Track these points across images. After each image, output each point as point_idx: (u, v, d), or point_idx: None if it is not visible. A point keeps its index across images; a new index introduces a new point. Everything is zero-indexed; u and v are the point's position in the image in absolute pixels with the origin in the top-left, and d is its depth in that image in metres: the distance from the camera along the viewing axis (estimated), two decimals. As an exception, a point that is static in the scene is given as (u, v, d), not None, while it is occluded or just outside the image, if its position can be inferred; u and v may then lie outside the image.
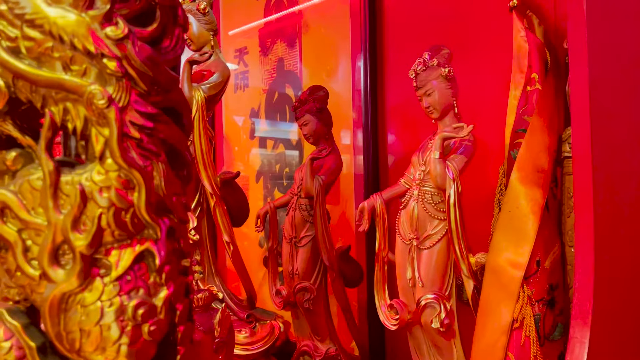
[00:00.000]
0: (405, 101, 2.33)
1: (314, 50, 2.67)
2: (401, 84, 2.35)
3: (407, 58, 2.32)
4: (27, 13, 0.78)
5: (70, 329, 0.78)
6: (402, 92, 2.34)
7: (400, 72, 2.34)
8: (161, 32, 0.85)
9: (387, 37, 2.36)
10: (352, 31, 2.39)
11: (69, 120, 0.79)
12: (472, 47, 2.06)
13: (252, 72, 2.98)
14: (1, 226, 0.79)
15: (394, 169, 2.34)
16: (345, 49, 2.48)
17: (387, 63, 2.35)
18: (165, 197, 0.82)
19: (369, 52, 2.29)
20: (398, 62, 2.34)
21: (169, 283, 0.82)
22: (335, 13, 2.55)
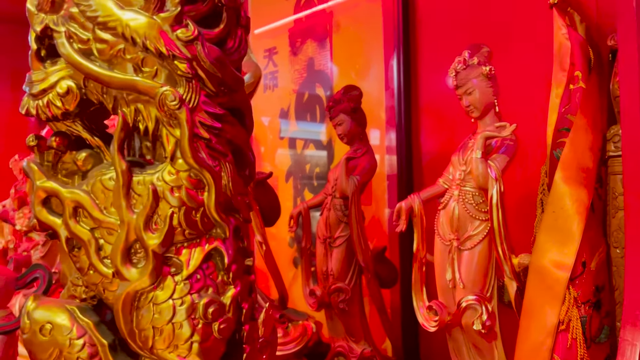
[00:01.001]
0: (439, 100, 2.32)
1: (345, 49, 2.67)
2: (435, 82, 2.34)
3: (441, 57, 2.31)
4: (100, 16, 0.79)
5: (143, 326, 0.79)
6: (436, 91, 2.32)
7: (434, 71, 2.33)
8: (226, 33, 0.86)
9: (420, 35, 2.34)
10: (385, 30, 2.39)
11: (140, 121, 0.81)
12: (510, 44, 2.03)
13: (282, 72, 2.99)
14: (75, 225, 0.81)
15: (427, 168, 2.33)
16: (377, 48, 2.48)
17: (420, 62, 2.34)
18: (232, 197, 0.83)
19: (402, 50, 2.28)
20: (432, 60, 2.32)
21: (236, 282, 0.83)
22: (367, 12, 2.54)
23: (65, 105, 0.82)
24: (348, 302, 2.10)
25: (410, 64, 2.32)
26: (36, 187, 0.83)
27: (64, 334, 0.82)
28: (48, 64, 0.83)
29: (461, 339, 1.80)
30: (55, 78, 0.82)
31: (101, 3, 0.79)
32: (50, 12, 0.81)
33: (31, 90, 0.83)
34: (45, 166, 0.85)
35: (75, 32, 0.80)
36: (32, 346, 0.83)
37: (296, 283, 2.79)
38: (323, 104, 2.78)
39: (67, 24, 0.80)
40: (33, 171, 0.84)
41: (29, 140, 0.88)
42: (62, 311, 0.84)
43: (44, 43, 0.84)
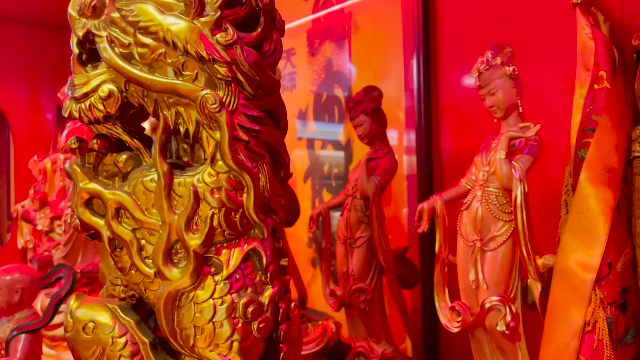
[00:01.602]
0: (459, 100, 2.32)
1: (364, 50, 2.68)
2: (455, 82, 2.34)
3: (461, 56, 2.31)
4: (141, 20, 0.81)
5: (185, 325, 0.80)
6: (456, 91, 2.32)
7: (454, 71, 2.33)
8: (263, 37, 0.87)
9: (440, 35, 2.34)
10: (404, 30, 2.39)
11: (180, 124, 0.82)
12: (532, 44, 2.03)
13: (300, 73, 3.00)
14: (117, 226, 0.82)
15: (447, 169, 2.33)
16: (396, 49, 2.48)
17: (440, 62, 2.34)
18: (269, 198, 0.84)
19: (422, 50, 2.28)
20: (452, 60, 2.32)
21: (273, 282, 0.84)
22: (386, 12, 2.54)
23: (107, 108, 0.83)
24: (369, 303, 2.10)
25: (430, 64, 2.32)
26: (79, 188, 0.85)
27: (107, 332, 0.84)
28: (89, 67, 0.85)
29: (484, 340, 1.80)
30: (96, 82, 0.83)
31: (143, 8, 0.81)
32: (91, 17, 0.82)
33: (73, 93, 0.84)
34: (86, 168, 0.87)
35: (117, 37, 0.82)
36: (75, 344, 0.84)
37: (315, 283, 2.80)
38: (341, 104, 2.79)
39: (109, 29, 0.82)
40: (76, 173, 0.86)
41: (71, 142, 0.90)
42: (104, 310, 0.86)
43: (85, 47, 0.85)
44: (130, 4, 0.81)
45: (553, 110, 1.89)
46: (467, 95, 2.31)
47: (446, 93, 2.34)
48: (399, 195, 2.48)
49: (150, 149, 0.90)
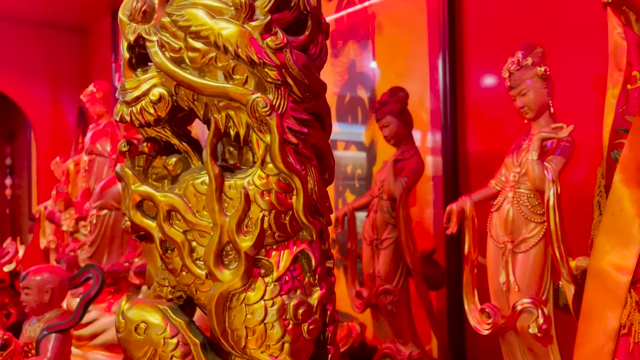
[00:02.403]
0: (485, 101, 2.30)
1: (387, 51, 2.67)
2: (481, 82, 2.32)
3: (487, 56, 2.30)
4: (192, 25, 0.82)
5: (236, 326, 0.81)
6: (482, 91, 2.31)
7: (481, 71, 2.32)
8: (310, 40, 0.87)
9: (466, 35, 2.33)
10: (429, 30, 2.38)
11: (231, 127, 0.83)
12: (561, 44, 2.01)
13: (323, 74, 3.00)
14: (169, 228, 0.83)
15: (473, 169, 2.31)
16: (421, 49, 2.47)
17: (466, 62, 2.33)
18: (317, 200, 0.85)
19: (447, 51, 2.27)
20: (478, 60, 2.31)
21: (321, 284, 0.85)
22: (410, 12, 2.54)
23: (157, 112, 0.84)
24: (396, 304, 2.10)
25: (457, 65, 2.31)
26: (131, 191, 0.86)
27: (159, 333, 0.85)
28: (139, 72, 0.86)
29: (515, 343, 1.78)
30: (147, 85, 0.84)
31: (193, 13, 0.82)
32: (141, 22, 0.84)
33: (124, 97, 0.86)
34: (136, 171, 0.88)
35: (168, 41, 0.83)
36: (127, 344, 0.86)
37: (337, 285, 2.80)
38: (364, 105, 2.79)
39: (159, 33, 0.83)
40: (127, 176, 0.88)
41: (121, 145, 0.91)
42: (156, 311, 0.87)
43: (134, 51, 0.87)
44: (180, 9, 0.82)
45: (583, 111, 1.87)
46: (493, 96, 2.29)
47: (472, 93, 2.33)
48: (424, 196, 2.47)
49: (197, 152, 0.91)
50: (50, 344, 2.12)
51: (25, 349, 2.24)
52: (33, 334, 2.22)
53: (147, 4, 0.83)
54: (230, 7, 0.82)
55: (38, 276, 2.22)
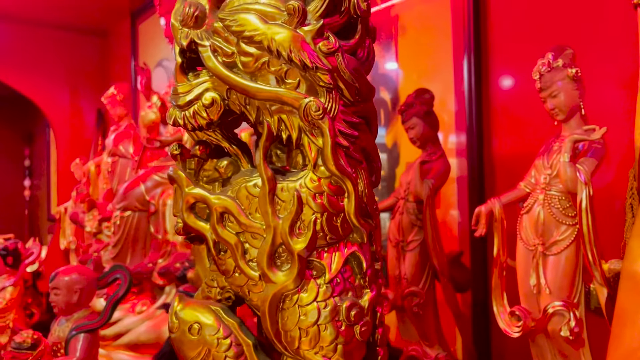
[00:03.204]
0: (511, 102, 2.30)
1: (410, 52, 2.67)
2: (506, 84, 2.32)
3: (513, 58, 2.29)
4: (246, 30, 0.83)
5: (289, 327, 0.82)
6: (507, 93, 2.30)
7: (506, 72, 2.31)
8: (359, 43, 0.88)
9: (492, 37, 2.33)
10: (454, 31, 2.38)
11: (282, 130, 0.84)
12: (589, 45, 2.00)
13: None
14: (222, 230, 0.84)
15: (499, 171, 2.31)
16: (445, 51, 2.47)
17: (491, 63, 2.32)
18: (367, 203, 0.85)
19: (473, 52, 2.27)
20: (503, 61, 2.30)
21: (372, 286, 0.85)
22: (434, 14, 2.54)
23: (210, 115, 0.86)
24: (422, 306, 2.10)
25: (482, 66, 2.31)
26: (185, 193, 0.88)
27: (212, 333, 0.86)
28: (191, 76, 0.88)
29: (545, 346, 1.77)
30: (199, 90, 0.86)
31: (246, 18, 0.83)
32: (193, 27, 0.85)
33: (177, 101, 0.87)
34: (187, 173, 0.90)
35: (220, 46, 0.84)
36: (181, 345, 0.87)
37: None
38: (387, 107, 2.79)
39: (212, 38, 0.84)
40: (181, 178, 0.89)
41: (173, 148, 0.92)
42: (209, 311, 0.88)
43: (185, 56, 0.88)
44: (233, 14, 0.83)
45: (613, 112, 1.86)
46: (518, 97, 2.28)
47: (497, 94, 2.32)
48: (448, 198, 2.47)
49: (246, 155, 0.92)
50: (79, 343, 2.14)
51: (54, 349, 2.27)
52: (62, 334, 2.25)
53: (199, 10, 0.84)
54: (282, 12, 0.83)
55: (67, 276, 2.25)
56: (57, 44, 5.18)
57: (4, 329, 2.88)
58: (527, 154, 2.23)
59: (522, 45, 2.25)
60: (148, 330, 2.75)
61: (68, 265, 2.49)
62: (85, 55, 5.33)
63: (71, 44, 5.27)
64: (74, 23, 5.13)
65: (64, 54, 5.22)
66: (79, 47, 5.31)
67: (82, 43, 5.33)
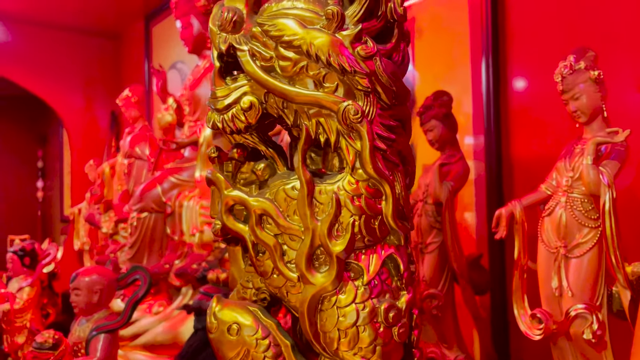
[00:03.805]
0: (529, 104, 2.30)
1: (427, 55, 2.68)
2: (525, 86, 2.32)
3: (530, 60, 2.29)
4: (285, 35, 0.84)
5: (328, 328, 0.83)
6: (526, 95, 2.30)
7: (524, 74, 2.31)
8: (395, 47, 0.89)
9: (510, 39, 2.33)
10: (471, 34, 2.38)
11: (320, 134, 0.85)
12: (609, 46, 1.99)
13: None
14: (261, 232, 0.86)
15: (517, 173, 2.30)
16: (462, 53, 2.47)
17: (510, 65, 2.32)
18: (403, 206, 0.86)
19: (491, 54, 2.27)
20: (521, 64, 2.30)
21: (408, 288, 0.86)
22: (451, 17, 2.54)
23: (248, 119, 0.87)
24: (441, 309, 2.10)
25: (500, 69, 2.31)
26: (224, 195, 0.89)
27: (251, 334, 0.87)
28: (229, 80, 0.89)
29: (567, 349, 1.77)
30: (238, 94, 0.87)
31: (285, 23, 0.84)
32: (231, 32, 0.86)
33: (216, 105, 0.88)
34: (225, 176, 0.91)
35: (259, 50, 0.85)
36: (220, 345, 0.88)
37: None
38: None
39: (250, 43, 0.85)
40: (220, 181, 0.90)
41: (211, 151, 0.94)
42: (247, 312, 0.89)
43: (223, 60, 0.89)
44: (272, 19, 0.85)
45: (636, 115, 1.86)
46: (537, 98, 2.28)
47: (515, 96, 2.32)
48: (466, 200, 2.47)
49: (282, 158, 0.94)
50: (100, 344, 2.16)
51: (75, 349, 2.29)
52: (82, 334, 2.26)
53: (237, 15, 0.85)
54: (320, 17, 0.84)
55: (87, 277, 2.27)
56: (72, 47, 5.23)
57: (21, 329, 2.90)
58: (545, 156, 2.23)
59: (540, 46, 2.25)
60: (165, 331, 2.77)
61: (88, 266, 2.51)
62: (99, 58, 5.38)
63: (85, 47, 5.32)
64: (89, 26, 5.18)
65: (78, 56, 5.27)
66: (93, 49, 5.36)
67: (96, 46, 5.38)
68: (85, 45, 5.31)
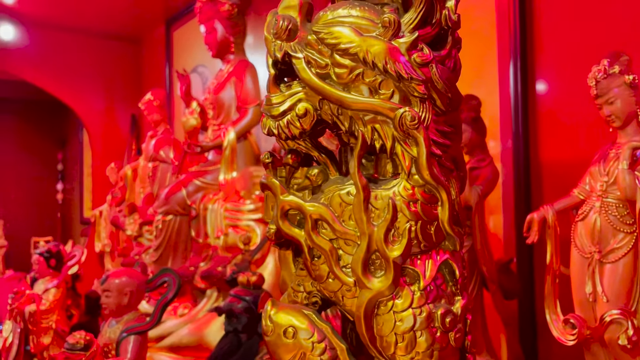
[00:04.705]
0: (557, 108, 2.29)
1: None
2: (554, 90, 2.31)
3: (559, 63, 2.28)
4: (341, 43, 0.85)
5: (385, 333, 0.84)
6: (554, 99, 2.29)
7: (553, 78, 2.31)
8: (449, 54, 0.90)
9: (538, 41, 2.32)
10: (499, 37, 2.38)
11: (376, 140, 0.86)
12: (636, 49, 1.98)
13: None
14: (316, 237, 0.87)
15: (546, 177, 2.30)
16: (489, 55, 2.47)
17: (538, 69, 2.32)
18: (458, 211, 0.87)
19: (519, 57, 2.27)
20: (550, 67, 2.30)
21: (463, 293, 0.86)
22: (478, 19, 2.54)
23: (303, 125, 0.88)
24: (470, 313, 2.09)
25: (528, 72, 2.30)
26: (280, 200, 0.90)
27: (307, 337, 0.88)
28: (283, 87, 0.90)
29: (601, 354, 1.76)
30: (293, 100, 0.88)
31: (341, 31, 0.85)
32: (286, 40, 0.87)
33: (271, 112, 0.90)
34: (279, 181, 0.92)
35: (314, 58, 0.86)
36: (276, 348, 0.89)
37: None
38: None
39: (305, 50, 0.87)
40: (275, 186, 0.91)
41: (265, 157, 0.95)
42: (302, 316, 0.90)
43: (277, 68, 0.90)
44: (328, 27, 0.86)
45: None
46: (566, 102, 2.27)
47: (544, 99, 2.31)
48: (493, 204, 2.46)
49: (334, 163, 0.95)
50: (130, 345, 2.18)
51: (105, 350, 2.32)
52: (113, 335, 2.29)
53: (292, 23, 0.87)
54: (376, 25, 0.85)
55: (118, 279, 2.30)
56: (94, 51, 5.30)
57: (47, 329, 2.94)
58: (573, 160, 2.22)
59: (569, 49, 2.24)
60: (190, 333, 2.79)
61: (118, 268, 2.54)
62: (120, 62, 5.45)
63: (107, 51, 5.39)
64: (110, 30, 5.25)
65: (100, 60, 5.34)
66: (115, 54, 5.43)
67: (118, 50, 5.45)
68: (107, 50, 5.38)
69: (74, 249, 3.42)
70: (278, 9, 0.90)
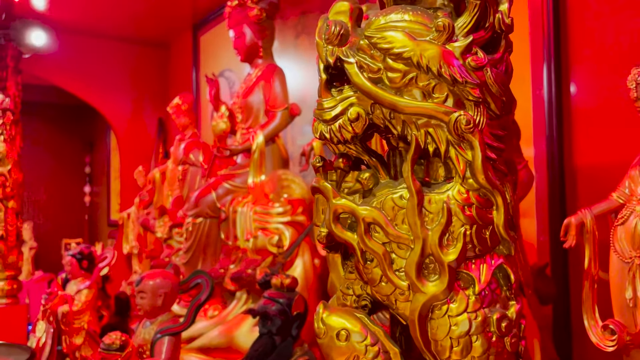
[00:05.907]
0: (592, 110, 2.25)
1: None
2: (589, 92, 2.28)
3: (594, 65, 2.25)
4: (394, 47, 0.86)
5: (440, 337, 0.84)
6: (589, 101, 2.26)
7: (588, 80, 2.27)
8: (501, 57, 0.89)
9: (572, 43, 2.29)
10: (532, 37, 2.35)
11: (429, 143, 0.86)
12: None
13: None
14: (369, 240, 0.87)
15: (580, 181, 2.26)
16: (522, 57, 2.44)
17: (572, 71, 2.29)
18: (513, 215, 0.86)
19: (553, 59, 2.24)
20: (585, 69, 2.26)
21: (517, 298, 0.86)
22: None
23: (355, 129, 0.89)
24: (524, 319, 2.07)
25: (562, 73, 2.27)
26: (332, 204, 0.91)
27: (360, 340, 0.89)
28: (334, 91, 0.91)
29: (643, 361, 1.72)
30: (344, 105, 0.89)
31: (395, 36, 0.85)
32: (338, 45, 0.88)
33: (323, 116, 0.90)
34: (330, 185, 0.93)
35: (366, 63, 0.87)
36: (330, 350, 0.90)
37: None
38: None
39: (357, 55, 0.88)
40: (327, 189, 0.92)
41: (316, 161, 0.96)
42: (354, 319, 0.91)
43: (329, 72, 0.91)
44: (381, 32, 0.87)
45: None
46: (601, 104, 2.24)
47: (578, 102, 2.28)
48: (528, 209, 2.43)
49: (384, 167, 0.95)
50: (164, 346, 2.21)
51: (140, 351, 2.35)
52: (147, 336, 2.33)
53: (343, 28, 0.88)
54: (429, 29, 0.85)
55: (152, 281, 2.34)
56: (122, 56, 5.40)
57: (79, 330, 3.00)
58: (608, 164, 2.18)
59: (604, 50, 2.21)
60: (220, 335, 2.82)
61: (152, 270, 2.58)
62: (148, 67, 5.54)
63: (135, 56, 5.48)
64: (138, 35, 5.34)
65: (128, 65, 5.44)
66: (142, 58, 5.52)
67: (146, 55, 5.54)
68: (135, 55, 5.47)
69: (105, 250, 3.48)
70: (328, 15, 0.91)
